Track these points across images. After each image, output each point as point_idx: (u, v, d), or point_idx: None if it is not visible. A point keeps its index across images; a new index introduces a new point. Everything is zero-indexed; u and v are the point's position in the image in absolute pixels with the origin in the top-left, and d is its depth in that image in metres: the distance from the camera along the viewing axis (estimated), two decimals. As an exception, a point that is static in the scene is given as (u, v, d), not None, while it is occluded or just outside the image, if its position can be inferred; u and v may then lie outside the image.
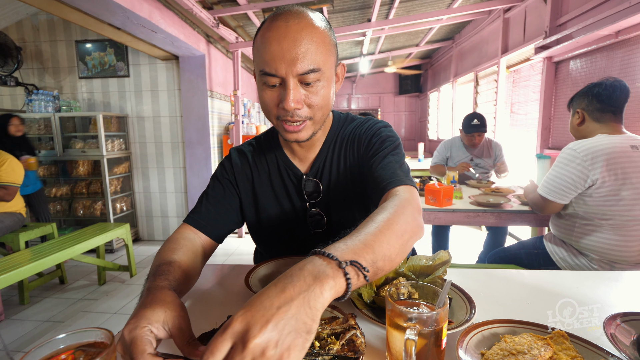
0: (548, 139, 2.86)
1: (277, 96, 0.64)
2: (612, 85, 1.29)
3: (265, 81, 0.63)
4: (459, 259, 3.01)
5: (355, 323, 0.47)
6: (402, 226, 0.50)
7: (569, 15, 2.48)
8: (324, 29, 0.64)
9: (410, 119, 7.78)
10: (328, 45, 0.65)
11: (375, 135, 0.77)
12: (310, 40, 0.61)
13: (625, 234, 1.21)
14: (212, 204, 0.80)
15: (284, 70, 0.60)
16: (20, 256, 2.04)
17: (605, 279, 0.77)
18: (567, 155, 1.29)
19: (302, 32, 0.60)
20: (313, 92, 0.64)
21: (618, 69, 2.11)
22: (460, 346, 0.46)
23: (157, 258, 0.62)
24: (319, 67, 0.62)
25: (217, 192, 0.81)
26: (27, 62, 3.69)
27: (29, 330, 2.08)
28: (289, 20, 0.61)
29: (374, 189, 0.68)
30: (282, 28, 0.60)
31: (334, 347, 0.44)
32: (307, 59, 0.61)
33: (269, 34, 0.61)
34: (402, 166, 0.71)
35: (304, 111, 0.65)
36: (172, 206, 3.86)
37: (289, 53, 0.59)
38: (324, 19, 0.66)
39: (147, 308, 0.43)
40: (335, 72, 0.69)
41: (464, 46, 4.80)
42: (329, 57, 0.65)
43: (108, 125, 3.47)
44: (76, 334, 0.40)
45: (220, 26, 3.32)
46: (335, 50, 0.68)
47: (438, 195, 1.77)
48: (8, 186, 2.37)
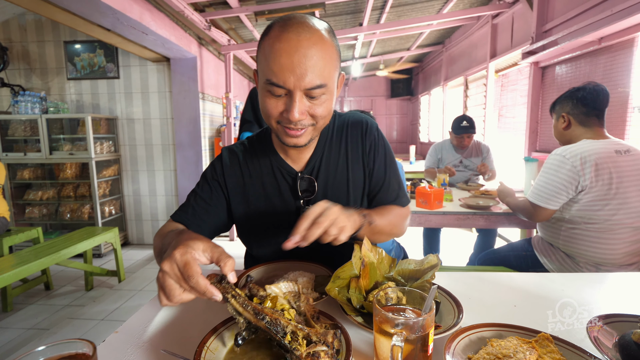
0: (535, 142, 2.92)
1: (281, 105, 0.65)
2: (595, 89, 1.32)
3: (270, 90, 0.64)
4: (449, 260, 3.03)
5: (332, 341, 0.46)
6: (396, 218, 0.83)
7: (554, 22, 2.54)
8: (332, 42, 0.66)
9: (402, 121, 7.84)
10: (335, 60, 0.66)
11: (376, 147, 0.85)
12: (320, 56, 0.62)
13: (611, 237, 1.23)
14: (200, 204, 0.82)
15: (292, 83, 0.61)
16: (4, 262, 1.99)
17: (590, 280, 0.79)
18: (555, 161, 1.29)
19: (312, 48, 0.61)
20: (317, 104, 0.66)
21: (601, 74, 2.17)
22: (448, 351, 0.47)
23: (162, 237, 0.69)
24: (325, 83, 0.64)
25: (205, 193, 0.83)
26: (13, 63, 3.61)
27: (13, 338, 2.02)
28: (301, 33, 0.61)
29: (380, 203, 0.86)
30: (294, 41, 0.60)
31: (300, 349, 0.44)
32: (315, 75, 0.62)
33: (279, 45, 0.61)
34: (400, 184, 0.87)
35: (306, 120, 0.67)
36: (162, 209, 3.81)
37: (299, 68, 0.60)
38: (330, 30, 0.67)
39: (189, 240, 0.50)
40: (337, 84, 0.71)
41: (454, 51, 4.88)
42: (334, 72, 0.67)
43: (97, 127, 3.41)
44: (57, 345, 0.39)
45: (212, 29, 3.31)
46: (339, 62, 0.70)
47: (429, 198, 1.78)
48: (-8, 189, 2.31)
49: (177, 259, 0.47)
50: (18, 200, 3.53)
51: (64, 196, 3.57)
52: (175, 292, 0.47)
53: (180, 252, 0.47)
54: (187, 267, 0.46)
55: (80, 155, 3.32)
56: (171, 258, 0.47)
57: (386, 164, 0.85)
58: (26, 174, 3.49)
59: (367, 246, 0.66)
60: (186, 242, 0.49)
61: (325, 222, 0.57)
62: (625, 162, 1.22)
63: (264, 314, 0.46)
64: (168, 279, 0.47)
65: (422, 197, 1.82)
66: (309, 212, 0.58)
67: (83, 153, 3.32)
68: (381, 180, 0.84)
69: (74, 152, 3.33)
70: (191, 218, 0.80)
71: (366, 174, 0.84)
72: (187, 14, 2.83)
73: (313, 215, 0.58)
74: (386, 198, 0.85)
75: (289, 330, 0.45)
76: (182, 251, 0.47)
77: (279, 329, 0.45)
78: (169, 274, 0.47)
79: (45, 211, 3.60)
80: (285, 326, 0.46)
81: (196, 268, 0.46)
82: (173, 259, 0.47)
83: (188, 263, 0.46)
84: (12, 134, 3.40)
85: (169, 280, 0.47)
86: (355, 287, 0.62)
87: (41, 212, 3.58)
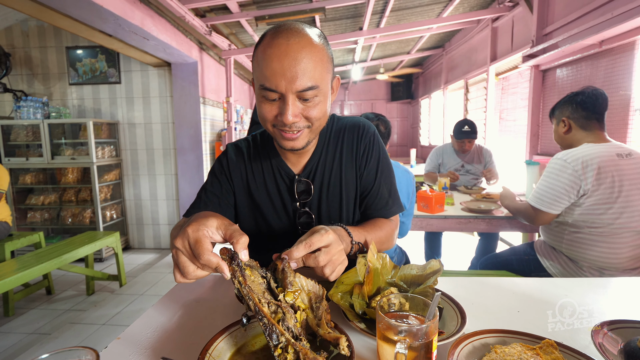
0: (537, 145, 2.91)
1: (275, 109, 0.67)
2: (594, 93, 1.32)
3: (264, 95, 0.66)
4: (451, 264, 3.02)
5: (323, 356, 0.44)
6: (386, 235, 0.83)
7: (554, 25, 2.55)
8: (323, 46, 0.67)
9: (403, 125, 7.85)
10: (326, 63, 0.68)
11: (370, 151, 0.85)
12: (310, 59, 0.64)
13: (614, 241, 1.23)
14: (211, 199, 0.83)
15: (284, 87, 0.63)
16: (6, 266, 1.99)
17: (594, 285, 0.78)
18: (557, 165, 1.29)
19: (302, 51, 0.63)
20: (310, 106, 0.67)
21: (602, 77, 2.17)
22: (451, 358, 0.46)
23: (178, 228, 0.70)
24: (316, 85, 0.65)
25: (215, 188, 0.84)
26: (16, 68, 3.63)
27: (14, 342, 2.02)
28: (290, 38, 0.63)
29: (369, 209, 0.86)
30: (283, 46, 0.62)
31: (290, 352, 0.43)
32: (306, 77, 0.63)
33: (270, 50, 0.63)
34: (392, 192, 0.88)
35: (301, 122, 0.69)
36: (163, 213, 3.81)
37: (289, 71, 0.62)
38: (322, 35, 0.69)
39: (204, 218, 0.50)
40: (331, 86, 0.73)
41: (454, 54, 4.89)
42: (326, 74, 0.68)
43: (98, 132, 3.43)
44: (60, 353, 0.39)
45: (212, 34, 3.33)
46: (332, 66, 0.72)
47: (430, 202, 1.78)
48: (-5, 194, 2.32)
49: (190, 235, 0.47)
50: (20, 205, 3.53)
51: (65, 201, 3.58)
52: (189, 268, 0.48)
53: (192, 229, 0.47)
54: (198, 244, 0.46)
55: (81, 160, 3.33)
56: (183, 234, 0.48)
57: (378, 169, 0.85)
58: (28, 179, 3.50)
59: (373, 252, 0.66)
60: (200, 219, 0.49)
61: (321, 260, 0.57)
62: (628, 166, 1.22)
63: (262, 315, 0.45)
64: (181, 256, 0.48)
65: (423, 201, 1.81)
66: (311, 240, 0.57)
67: (85, 158, 3.33)
68: (370, 185, 0.85)
69: (76, 157, 3.35)
70: None
71: (357, 177, 0.85)
72: (188, 19, 2.85)
73: (313, 246, 0.57)
74: (374, 204, 0.85)
75: (282, 341, 0.43)
76: (195, 228, 0.47)
77: (273, 337, 0.44)
78: (181, 251, 0.47)
79: (47, 216, 3.61)
80: (279, 334, 0.44)
81: (207, 245, 0.46)
82: (185, 235, 0.47)
83: (199, 240, 0.46)
84: (14, 139, 3.41)
85: (182, 257, 0.48)
86: (358, 294, 0.62)
87: (43, 216, 3.59)
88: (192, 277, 0.49)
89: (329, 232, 0.59)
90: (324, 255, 0.57)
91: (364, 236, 0.74)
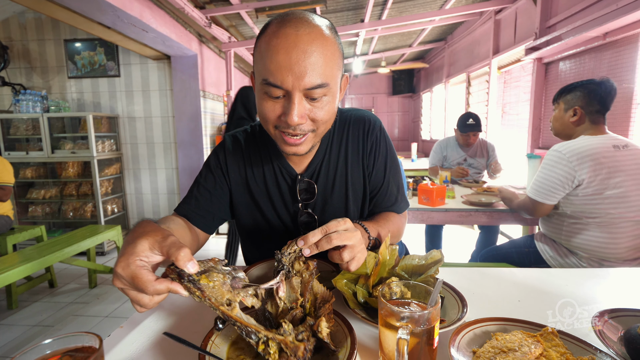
0: (539, 138, 2.90)
1: (279, 108, 0.61)
2: (612, 88, 1.30)
3: (267, 91, 0.59)
4: (452, 257, 3.03)
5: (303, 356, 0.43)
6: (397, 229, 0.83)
7: (558, 17, 2.52)
8: (334, 40, 0.61)
9: (404, 119, 7.82)
10: (337, 58, 0.61)
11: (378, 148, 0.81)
12: (321, 53, 0.57)
13: (613, 231, 1.23)
14: (203, 195, 0.79)
15: (291, 83, 0.56)
16: (8, 260, 2.00)
17: (594, 276, 0.79)
18: (553, 157, 1.30)
19: (313, 44, 0.56)
20: (318, 106, 0.61)
21: (606, 70, 2.15)
22: (453, 344, 0.47)
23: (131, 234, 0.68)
24: (327, 82, 0.59)
25: (209, 184, 0.80)
26: (14, 62, 3.61)
27: (18, 335, 2.04)
28: (300, 28, 0.56)
29: (378, 207, 0.84)
30: (292, 37, 0.56)
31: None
32: (316, 73, 0.57)
33: (276, 41, 0.56)
34: (400, 188, 0.85)
35: (306, 125, 0.62)
36: (164, 207, 3.82)
37: (298, 65, 0.55)
38: (333, 27, 0.62)
39: (129, 245, 0.43)
40: (340, 85, 0.66)
41: (456, 47, 4.85)
42: (337, 71, 0.62)
43: (98, 125, 3.42)
44: (63, 338, 0.39)
45: (212, 26, 3.30)
46: (343, 62, 0.65)
47: (431, 195, 1.78)
48: (5, 186, 2.32)
49: (122, 274, 0.41)
50: (21, 199, 3.54)
51: (66, 195, 3.59)
52: (144, 300, 0.43)
53: (121, 267, 0.41)
54: (136, 279, 0.41)
55: (82, 153, 3.33)
56: (116, 275, 0.42)
57: (386, 167, 0.82)
58: (29, 173, 3.50)
59: (386, 245, 0.65)
60: (128, 249, 0.43)
61: (345, 257, 0.56)
62: (624, 157, 1.23)
63: (233, 320, 0.43)
64: (129, 292, 0.43)
65: (424, 194, 1.81)
66: (328, 226, 0.56)
67: (85, 152, 3.32)
68: (379, 184, 0.81)
69: (76, 151, 3.34)
70: (195, 210, 0.78)
71: (365, 176, 0.81)
72: (187, 11, 2.82)
73: (329, 232, 0.55)
74: (384, 202, 0.83)
75: (262, 337, 0.43)
76: (124, 265, 0.41)
77: (252, 336, 0.43)
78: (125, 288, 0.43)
79: (48, 210, 3.62)
80: (256, 332, 0.43)
81: (147, 277, 0.41)
82: (118, 275, 0.42)
83: (135, 275, 0.41)
84: (14, 133, 3.41)
85: (130, 292, 0.43)
86: (363, 283, 0.62)
87: (44, 210, 3.60)
88: (152, 305, 0.44)
89: (350, 224, 0.58)
90: (348, 253, 0.56)
91: (377, 230, 0.74)
